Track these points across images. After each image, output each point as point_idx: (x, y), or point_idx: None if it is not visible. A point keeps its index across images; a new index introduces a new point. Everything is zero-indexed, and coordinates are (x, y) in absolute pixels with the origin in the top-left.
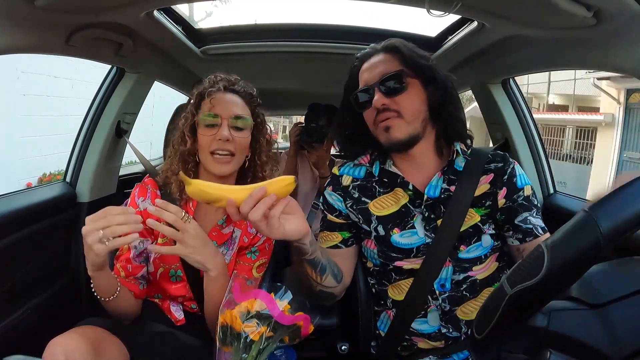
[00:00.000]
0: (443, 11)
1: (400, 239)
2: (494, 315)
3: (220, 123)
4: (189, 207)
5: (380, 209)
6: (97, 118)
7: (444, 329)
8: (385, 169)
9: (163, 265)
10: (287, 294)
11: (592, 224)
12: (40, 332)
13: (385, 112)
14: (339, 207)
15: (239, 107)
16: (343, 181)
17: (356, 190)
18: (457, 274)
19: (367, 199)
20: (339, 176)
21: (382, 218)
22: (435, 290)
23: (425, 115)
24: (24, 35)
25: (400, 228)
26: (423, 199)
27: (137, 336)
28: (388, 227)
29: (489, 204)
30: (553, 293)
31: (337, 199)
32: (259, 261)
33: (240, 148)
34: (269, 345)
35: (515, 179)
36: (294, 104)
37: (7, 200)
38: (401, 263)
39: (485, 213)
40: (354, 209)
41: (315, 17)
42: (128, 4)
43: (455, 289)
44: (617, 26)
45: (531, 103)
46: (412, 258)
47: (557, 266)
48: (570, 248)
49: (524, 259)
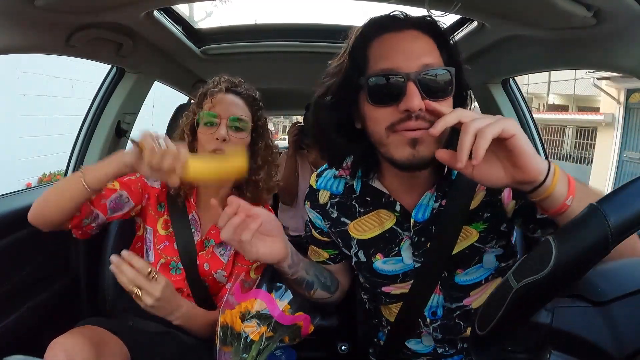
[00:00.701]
0: (443, 11)
1: (383, 266)
2: (498, 311)
3: (219, 122)
4: (190, 203)
5: (362, 232)
6: (97, 118)
7: (439, 349)
8: (368, 184)
9: (165, 256)
10: (287, 294)
11: (601, 217)
12: (40, 332)
13: (419, 119)
14: (319, 225)
15: (239, 108)
16: (320, 198)
17: (334, 209)
18: (449, 302)
19: (346, 219)
20: (316, 190)
21: (363, 242)
22: (426, 318)
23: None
24: (24, 35)
25: (384, 254)
26: (411, 223)
27: (137, 336)
28: (370, 253)
29: (487, 216)
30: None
31: (316, 216)
32: (257, 262)
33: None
34: (269, 345)
35: None
36: (294, 104)
37: (7, 200)
38: (388, 289)
39: (484, 228)
40: (333, 231)
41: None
42: (128, 4)
43: (447, 316)
44: (617, 26)
45: (531, 103)
46: (399, 283)
47: (564, 260)
48: (578, 242)
49: (530, 253)
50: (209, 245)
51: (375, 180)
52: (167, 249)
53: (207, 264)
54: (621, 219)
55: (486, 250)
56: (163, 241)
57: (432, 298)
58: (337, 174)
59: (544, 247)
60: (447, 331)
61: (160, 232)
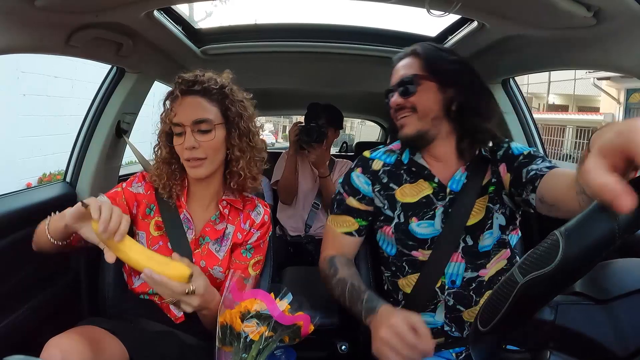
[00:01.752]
0: (443, 11)
1: (417, 229)
2: (502, 306)
3: (184, 131)
4: (181, 202)
5: (405, 197)
6: (97, 118)
7: (447, 326)
8: (413, 159)
9: None
10: (287, 294)
11: (609, 212)
12: (40, 332)
13: (399, 110)
14: (364, 190)
15: (200, 109)
16: (373, 165)
17: (385, 175)
18: (469, 271)
19: (394, 185)
20: (369, 159)
21: (405, 205)
22: (445, 286)
23: (436, 115)
24: (24, 35)
25: (419, 217)
26: (446, 192)
27: (137, 336)
28: (408, 215)
29: (492, 186)
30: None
31: (365, 181)
32: (255, 259)
33: (211, 150)
34: (269, 345)
35: (510, 151)
36: (294, 104)
37: (7, 200)
38: (417, 253)
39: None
40: (381, 194)
41: (315, 17)
42: (128, 4)
43: (465, 286)
44: (617, 26)
45: (531, 103)
46: (427, 250)
47: (572, 255)
48: (586, 236)
49: (536, 247)
50: (204, 242)
51: (420, 157)
52: (161, 249)
53: (203, 262)
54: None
55: (494, 213)
56: (157, 242)
57: (454, 266)
58: (390, 148)
59: (551, 241)
60: (460, 299)
61: (154, 233)
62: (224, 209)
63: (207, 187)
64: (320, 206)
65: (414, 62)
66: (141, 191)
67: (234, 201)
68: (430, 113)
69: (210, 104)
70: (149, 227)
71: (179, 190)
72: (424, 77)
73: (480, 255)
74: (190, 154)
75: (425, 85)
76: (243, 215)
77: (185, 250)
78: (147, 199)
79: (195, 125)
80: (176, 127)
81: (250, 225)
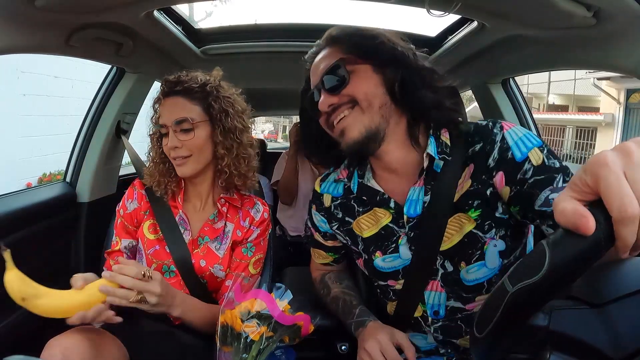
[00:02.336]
0: (443, 11)
1: (382, 264)
2: (495, 314)
3: (167, 131)
4: (177, 202)
5: (363, 230)
6: (97, 118)
7: (442, 349)
8: (363, 184)
9: (156, 261)
10: (287, 294)
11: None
12: (40, 332)
13: (336, 110)
14: (323, 229)
15: (180, 108)
16: (325, 201)
17: (339, 210)
18: (452, 300)
19: (350, 218)
20: (320, 194)
21: (365, 240)
22: (428, 317)
23: (382, 101)
24: (24, 35)
25: (383, 251)
26: (404, 219)
27: (137, 336)
28: (370, 250)
29: (478, 202)
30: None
31: (321, 219)
32: (255, 257)
33: (194, 148)
34: (269, 345)
35: (509, 152)
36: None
37: (7, 200)
38: (392, 282)
39: (479, 215)
40: (341, 231)
41: (315, 17)
42: (128, 4)
43: (450, 316)
44: (617, 26)
45: (531, 103)
46: (401, 279)
47: (558, 264)
48: (571, 246)
49: (525, 256)
50: (203, 242)
51: (369, 179)
52: (157, 253)
53: (203, 261)
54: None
55: (487, 242)
56: (153, 245)
57: (434, 295)
58: (337, 177)
59: (538, 251)
60: (447, 333)
61: (149, 236)
62: (222, 207)
63: (199, 186)
64: None
65: (333, 50)
66: (135, 206)
67: (232, 199)
68: (374, 100)
69: (192, 102)
70: (142, 231)
71: (175, 187)
72: (353, 61)
73: (465, 287)
74: (175, 153)
75: (358, 70)
76: (242, 212)
77: (184, 252)
78: (142, 208)
79: (177, 126)
80: (161, 128)
81: (250, 223)
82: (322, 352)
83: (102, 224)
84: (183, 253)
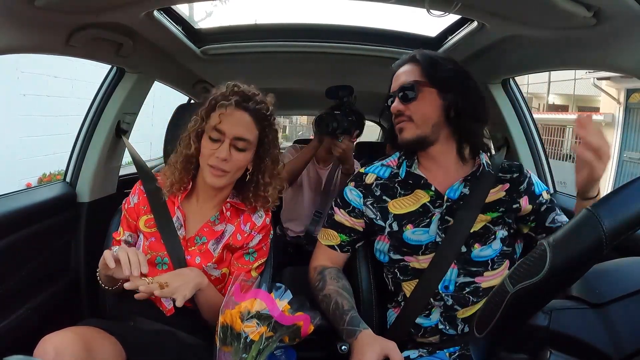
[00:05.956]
0: (443, 11)
1: (411, 236)
2: (495, 314)
3: (223, 140)
4: (176, 200)
5: (399, 208)
6: (97, 118)
7: (441, 325)
8: (410, 171)
9: (150, 252)
10: (287, 294)
11: (595, 222)
12: (40, 332)
13: (399, 116)
14: (355, 203)
15: (245, 127)
16: (366, 179)
17: (378, 188)
18: (462, 276)
19: (387, 197)
20: (363, 174)
21: (398, 216)
22: (439, 292)
23: (437, 121)
24: (24, 35)
25: (415, 225)
26: (444, 200)
27: (137, 336)
28: (402, 224)
29: (502, 209)
30: (555, 292)
31: (357, 194)
32: (258, 262)
33: (236, 167)
34: (269, 345)
35: (533, 187)
36: (294, 104)
37: (7, 200)
38: (411, 259)
39: (496, 216)
40: (374, 207)
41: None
42: (128, 4)
43: (458, 291)
44: (617, 26)
45: (531, 103)
46: (421, 256)
47: (559, 265)
48: (572, 246)
49: (526, 257)
50: (200, 242)
51: (416, 168)
52: (153, 244)
53: (198, 258)
54: (615, 222)
55: (496, 232)
56: (149, 237)
57: (449, 272)
58: (385, 163)
59: (539, 251)
60: (457, 300)
61: (145, 229)
62: (226, 211)
63: (218, 194)
64: (322, 215)
65: (414, 69)
66: (136, 200)
67: (237, 203)
68: (429, 120)
69: (255, 125)
70: (139, 225)
71: (177, 189)
72: (424, 84)
73: (474, 263)
74: (217, 163)
75: (425, 92)
76: (244, 216)
77: (177, 247)
78: (140, 203)
79: (234, 140)
80: (215, 132)
81: (251, 228)
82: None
83: (102, 224)
84: (177, 249)
